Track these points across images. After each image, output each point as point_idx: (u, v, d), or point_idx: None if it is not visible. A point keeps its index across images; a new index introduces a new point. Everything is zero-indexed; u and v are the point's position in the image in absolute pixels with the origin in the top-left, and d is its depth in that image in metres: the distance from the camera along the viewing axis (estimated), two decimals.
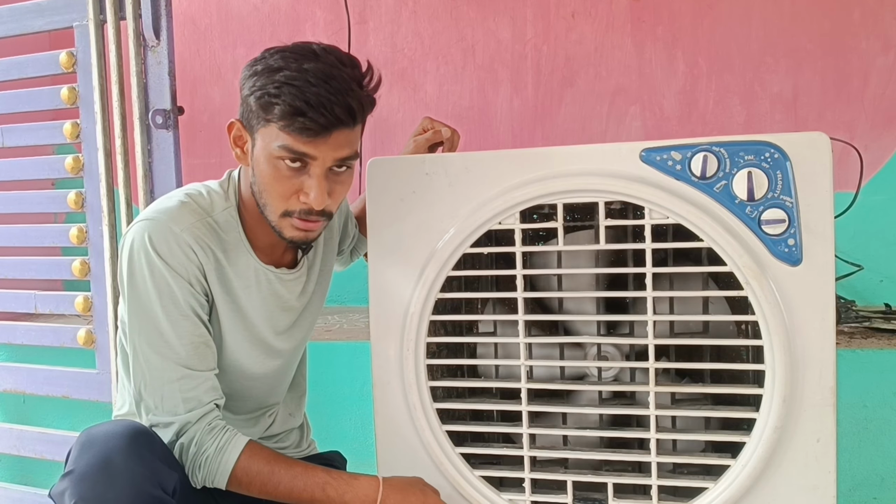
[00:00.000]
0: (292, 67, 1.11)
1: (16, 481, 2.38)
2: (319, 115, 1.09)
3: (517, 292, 1.20)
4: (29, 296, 2.12)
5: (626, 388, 1.20)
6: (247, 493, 1.20)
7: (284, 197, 1.17)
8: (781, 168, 1.10)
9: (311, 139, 1.11)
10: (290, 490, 1.18)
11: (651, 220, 1.13)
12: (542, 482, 1.23)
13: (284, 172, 1.15)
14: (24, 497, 2.21)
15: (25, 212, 2.16)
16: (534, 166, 1.18)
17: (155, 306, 1.18)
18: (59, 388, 2.09)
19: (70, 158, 1.98)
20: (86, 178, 1.97)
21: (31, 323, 2.23)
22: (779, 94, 2.33)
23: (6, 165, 2.12)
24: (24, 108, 2.06)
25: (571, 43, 2.49)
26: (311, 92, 1.09)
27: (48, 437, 2.14)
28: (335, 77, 1.11)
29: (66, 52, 1.95)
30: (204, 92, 2.82)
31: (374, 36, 2.69)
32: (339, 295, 2.56)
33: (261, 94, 1.12)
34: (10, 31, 2.04)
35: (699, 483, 1.17)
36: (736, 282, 1.12)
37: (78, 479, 1.07)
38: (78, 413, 2.22)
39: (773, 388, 1.11)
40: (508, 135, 2.56)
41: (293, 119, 1.10)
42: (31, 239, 2.13)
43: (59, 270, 2.09)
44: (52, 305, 2.11)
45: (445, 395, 1.28)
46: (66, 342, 2.06)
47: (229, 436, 1.20)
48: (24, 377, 2.15)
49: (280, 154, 1.13)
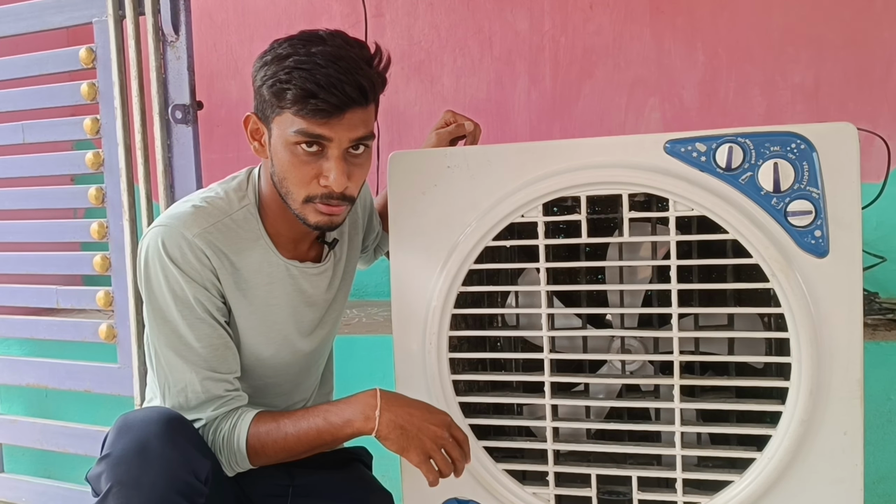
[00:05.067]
0: (300, 52, 1.12)
1: (39, 474, 2.40)
2: (331, 95, 1.10)
3: (540, 286, 1.19)
4: (51, 291, 2.13)
5: (651, 381, 1.20)
6: (267, 460, 1.20)
7: (305, 182, 1.17)
8: (808, 159, 1.09)
9: (325, 120, 1.12)
10: (298, 434, 1.17)
11: (676, 212, 1.13)
12: (566, 475, 1.23)
13: (302, 157, 1.15)
14: (48, 490, 2.23)
15: (46, 207, 2.17)
16: (557, 158, 1.18)
17: (172, 311, 1.19)
18: (80, 383, 2.11)
19: (90, 154, 1.99)
20: (106, 173, 1.98)
21: (53, 318, 2.25)
22: (800, 84, 2.31)
23: (27, 161, 2.14)
24: (45, 104, 2.07)
25: (589, 34, 2.48)
26: (321, 73, 1.10)
27: (70, 431, 2.15)
28: (343, 57, 1.12)
29: (86, 48, 1.96)
30: (221, 86, 2.82)
31: (390, 29, 2.68)
32: (358, 289, 2.55)
33: (272, 83, 1.13)
34: (30, 27, 2.05)
35: (724, 476, 1.16)
36: (761, 274, 1.11)
37: (114, 462, 1.08)
38: (99, 407, 2.24)
39: (799, 380, 1.10)
40: (526, 127, 2.55)
41: (306, 102, 1.11)
42: (52, 234, 2.14)
43: (80, 265, 2.11)
44: (74, 300, 2.12)
45: (467, 388, 1.28)
46: (88, 337, 2.08)
47: (240, 412, 1.21)
48: (47, 372, 2.16)
49: (296, 139, 1.14)
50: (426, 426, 1.13)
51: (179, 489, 1.08)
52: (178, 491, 1.08)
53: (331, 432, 1.16)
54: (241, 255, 1.24)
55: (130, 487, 1.07)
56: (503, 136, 2.53)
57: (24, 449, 2.31)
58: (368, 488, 1.37)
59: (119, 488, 1.07)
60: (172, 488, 1.08)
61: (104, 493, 1.08)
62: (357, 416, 1.14)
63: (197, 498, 1.11)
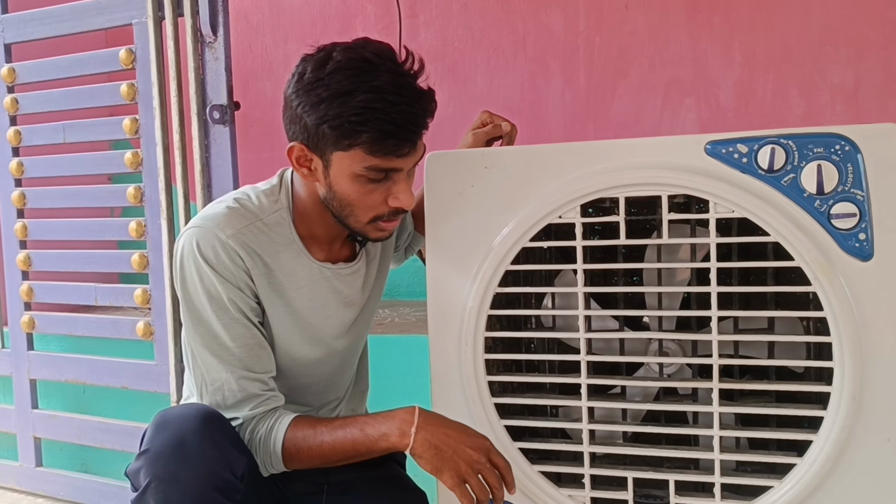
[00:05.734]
0: (363, 88, 1.10)
1: (76, 469, 2.44)
2: (409, 133, 1.12)
3: (577, 287, 1.19)
4: (90, 288, 2.17)
5: (691, 385, 1.19)
6: (301, 465, 1.21)
7: (374, 207, 1.19)
8: (852, 161, 1.07)
9: (401, 156, 1.14)
10: (334, 442, 1.18)
11: (716, 214, 1.11)
12: (602, 478, 1.22)
13: (370, 186, 1.17)
14: (84, 484, 2.27)
15: (85, 206, 2.21)
16: (595, 159, 1.17)
17: (207, 311, 1.21)
18: (118, 379, 2.14)
19: (129, 154, 2.02)
20: (144, 172, 2.01)
21: (91, 315, 2.28)
22: (839, 84, 2.27)
23: (67, 161, 2.17)
24: (86, 104, 2.11)
25: (625, 34, 2.46)
26: (396, 112, 1.10)
27: (107, 427, 2.19)
28: (405, 86, 1.12)
29: (126, 49, 1.99)
30: (256, 87, 2.85)
31: (424, 29, 2.69)
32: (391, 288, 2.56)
33: (338, 123, 1.12)
34: (71, 28, 2.08)
35: (764, 481, 1.15)
36: (802, 277, 1.09)
37: (153, 458, 1.10)
38: (136, 403, 2.27)
39: (842, 385, 1.09)
40: (560, 128, 2.54)
41: (384, 143, 1.12)
42: (91, 233, 2.18)
43: (118, 264, 2.14)
44: (112, 298, 2.15)
45: (501, 389, 1.28)
46: (126, 334, 2.11)
47: (278, 415, 1.22)
48: (85, 368, 2.20)
49: (367, 174, 1.15)
50: (462, 448, 1.11)
51: (216, 485, 1.09)
52: (214, 487, 1.09)
53: (366, 444, 1.16)
54: (274, 258, 1.25)
55: (168, 483, 1.08)
56: (536, 136, 2.52)
57: (62, 444, 2.36)
58: (403, 487, 1.37)
59: (157, 483, 1.08)
60: (209, 484, 1.09)
61: (143, 488, 1.09)
62: (393, 430, 1.14)
63: (233, 494, 1.12)
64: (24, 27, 2.18)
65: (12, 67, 2.20)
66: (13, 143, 2.22)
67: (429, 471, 1.12)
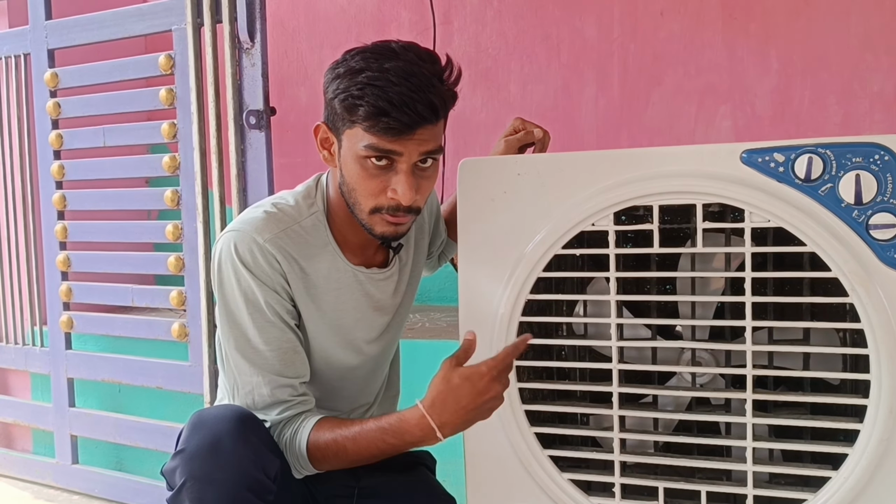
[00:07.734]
0: (373, 67, 1.13)
1: (111, 467, 2.48)
2: (403, 114, 1.11)
3: (610, 295, 1.18)
4: (126, 289, 2.21)
5: (724, 395, 1.17)
6: (329, 467, 1.22)
7: (373, 194, 1.18)
8: (892, 170, 1.05)
9: (396, 138, 1.13)
10: (358, 451, 1.19)
11: (752, 223, 1.10)
12: (632, 487, 1.21)
13: (372, 171, 1.17)
14: (119, 482, 2.31)
15: (123, 208, 2.24)
16: (629, 167, 1.17)
17: (242, 314, 1.22)
18: (153, 380, 2.17)
19: (167, 157, 2.06)
20: (182, 176, 2.04)
21: (128, 315, 2.32)
22: (879, 92, 2.24)
23: (107, 164, 2.22)
24: (125, 108, 2.15)
25: (660, 41, 2.45)
26: (394, 91, 1.10)
27: (142, 426, 2.22)
28: (416, 74, 1.12)
29: (165, 55, 2.02)
30: (291, 92, 2.88)
31: (458, 36, 2.70)
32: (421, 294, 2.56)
33: (345, 97, 1.14)
34: (113, 34, 2.12)
35: (797, 494, 1.13)
36: (838, 288, 1.08)
37: (188, 457, 1.12)
38: (170, 403, 2.30)
39: (879, 398, 1.07)
40: (593, 135, 2.53)
41: (377, 119, 1.12)
42: (128, 235, 2.22)
43: (154, 266, 2.18)
44: (148, 299, 2.19)
45: (532, 397, 1.28)
46: (161, 335, 2.14)
47: (302, 418, 1.23)
48: (121, 368, 2.24)
49: (366, 153, 1.15)
50: (482, 405, 1.13)
51: (250, 486, 1.11)
52: (248, 487, 1.11)
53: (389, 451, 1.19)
54: (310, 261, 1.26)
55: (203, 482, 1.10)
56: (570, 144, 2.52)
57: (98, 442, 2.40)
58: (432, 492, 1.38)
59: (192, 483, 1.10)
60: (243, 485, 1.11)
61: (178, 487, 1.12)
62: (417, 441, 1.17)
63: (266, 495, 1.14)
64: (67, 33, 2.22)
65: (55, 72, 2.25)
66: (55, 146, 2.27)
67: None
